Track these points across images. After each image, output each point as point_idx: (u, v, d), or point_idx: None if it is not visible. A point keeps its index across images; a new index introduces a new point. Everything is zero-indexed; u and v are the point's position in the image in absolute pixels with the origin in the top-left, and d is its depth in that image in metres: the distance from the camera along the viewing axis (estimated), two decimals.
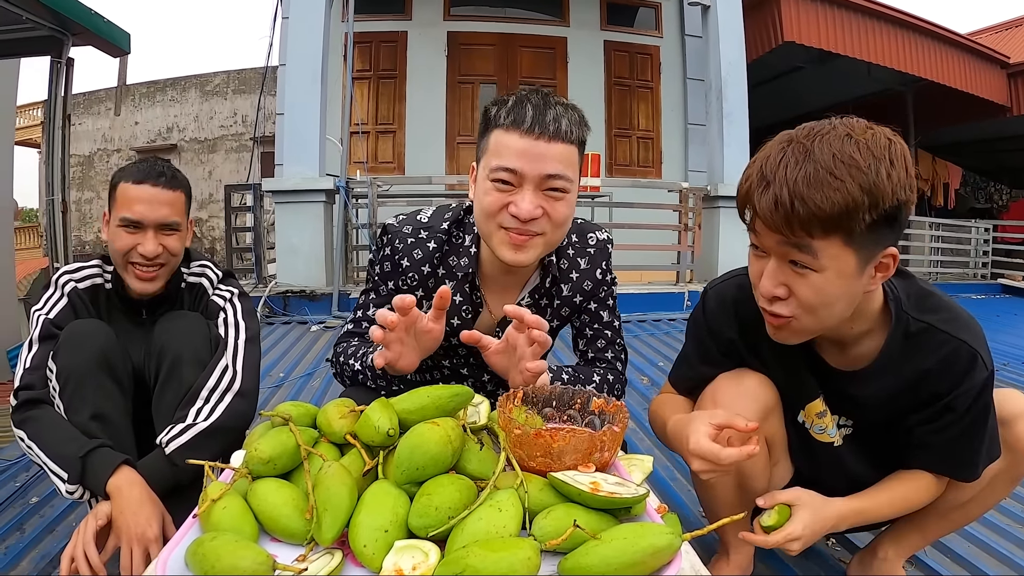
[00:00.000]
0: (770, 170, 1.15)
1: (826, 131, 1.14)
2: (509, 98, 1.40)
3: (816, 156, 1.11)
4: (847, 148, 1.11)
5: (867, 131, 1.14)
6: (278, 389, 3.52)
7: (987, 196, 16.57)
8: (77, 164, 18.10)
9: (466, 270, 1.57)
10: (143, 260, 1.71)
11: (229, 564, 0.86)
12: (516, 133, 1.35)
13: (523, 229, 1.39)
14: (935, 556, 1.92)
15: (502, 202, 1.39)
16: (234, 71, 18.68)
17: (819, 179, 1.09)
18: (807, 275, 1.18)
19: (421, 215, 1.63)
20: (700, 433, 1.25)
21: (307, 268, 6.13)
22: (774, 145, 1.18)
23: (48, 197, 5.72)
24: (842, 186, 1.08)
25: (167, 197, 1.73)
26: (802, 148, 1.13)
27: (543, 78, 8.72)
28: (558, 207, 1.40)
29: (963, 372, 1.30)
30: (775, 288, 1.22)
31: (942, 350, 1.31)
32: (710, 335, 1.55)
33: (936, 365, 1.31)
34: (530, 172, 1.36)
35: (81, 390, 1.56)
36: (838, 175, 1.09)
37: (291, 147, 6.32)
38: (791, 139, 1.16)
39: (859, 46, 9.17)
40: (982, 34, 13.27)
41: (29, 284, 11.12)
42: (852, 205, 1.09)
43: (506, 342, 1.36)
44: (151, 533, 1.40)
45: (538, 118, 1.35)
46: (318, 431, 1.21)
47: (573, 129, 1.38)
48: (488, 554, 0.85)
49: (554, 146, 1.36)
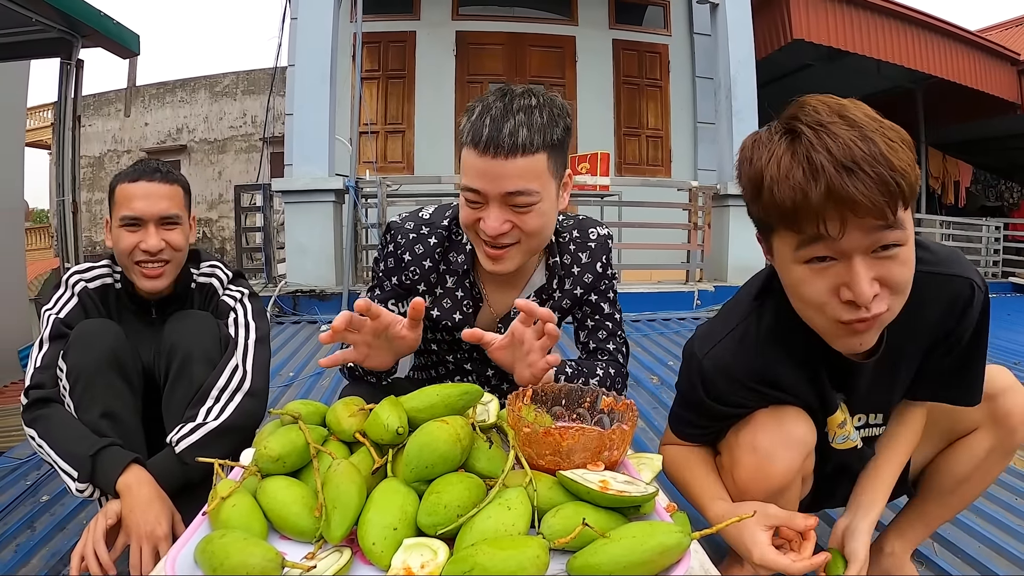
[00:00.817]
0: (842, 154, 1.01)
1: (838, 106, 1.06)
2: (476, 107, 1.38)
3: (864, 124, 1.03)
4: (867, 111, 1.06)
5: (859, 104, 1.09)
6: (288, 388, 3.52)
7: (998, 194, 16.45)
8: (87, 165, 18.20)
9: (463, 266, 1.60)
10: (147, 257, 1.72)
11: (238, 562, 0.86)
12: (475, 152, 1.34)
13: (495, 242, 1.41)
14: (945, 556, 1.91)
15: (474, 218, 1.41)
16: (243, 72, 18.75)
17: (892, 146, 1.01)
18: (896, 254, 1.08)
19: (423, 212, 1.65)
20: (762, 545, 1.23)
21: (317, 268, 6.14)
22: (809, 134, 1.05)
23: (59, 198, 5.75)
24: (902, 148, 1.02)
25: (164, 191, 1.74)
26: (845, 123, 1.03)
27: (552, 77, 8.72)
28: (527, 219, 1.39)
29: (965, 305, 1.29)
30: (873, 287, 1.08)
31: (942, 292, 1.28)
32: (717, 402, 1.39)
33: (940, 308, 1.29)
34: (491, 191, 1.36)
35: (91, 389, 1.57)
36: (894, 138, 1.03)
37: (300, 147, 6.33)
38: (820, 123, 1.04)
39: (868, 43, 9.13)
40: (992, 31, 13.18)
41: (40, 284, 11.16)
42: (914, 164, 1.03)
43: (511, 337, 1.36)
44: (160, 531, 1.41)
45: (494, 136, 1.32)
46: (327, 429, 1.21)
47: (535, 138, 1.33)
48: (497, 552, 0.85)
49: (511, 163, 1.33)
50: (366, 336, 1.32)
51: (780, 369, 1.32)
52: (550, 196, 1.42)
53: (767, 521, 1.26)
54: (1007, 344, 5.09)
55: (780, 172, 1.06)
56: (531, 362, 1.34)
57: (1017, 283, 9.59)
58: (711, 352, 1.36)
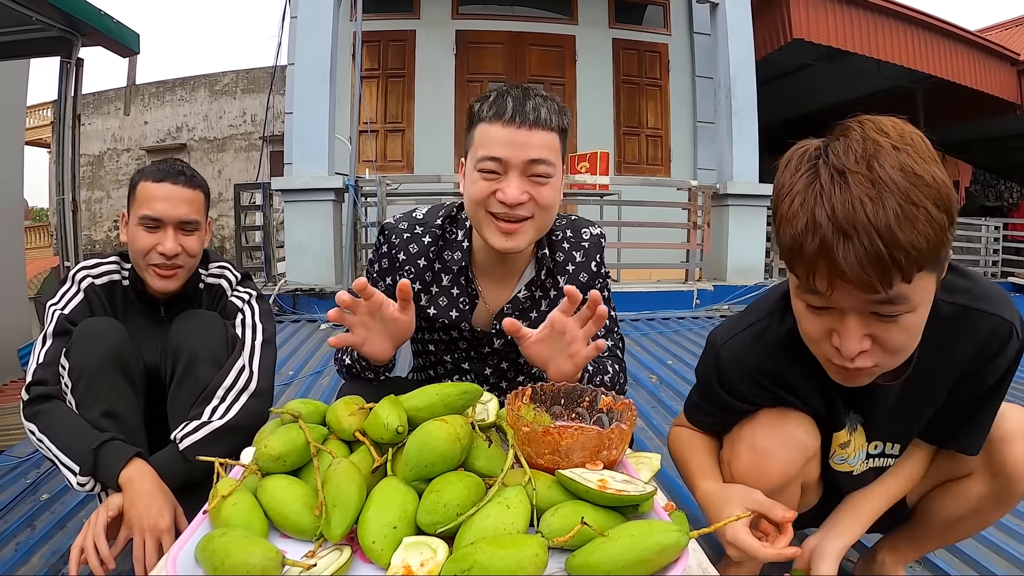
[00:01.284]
0: (845, 217, 0.95)
1: (873, 150, 0.98)
2: (491, 94, 1.47)
3: (888, 184, 0.95)
4: (905, 161, 0.96)
5: (903, 134, 1.00)
6: (288, 387, 3.54)
7: (997, 194, 16.46)
8: (87, 164, 18.17)
9: (459, 263, 1.61)
10: (162, 260, 1.71)
11: (239, 560, 0.87)
12: (499, 124, 1.42)
13: (511, 215, 1.44)
14: (944, 556, 1.91)
15: (489, 190, 1.44)
16: (243, 70, 18.72)
17: (906, 214, 0.93)
18: (899, 321, 1.04)
19: (416, 212, 1.67)
20: (737, 524, 1.20)
21: (316, 266, 6.15)
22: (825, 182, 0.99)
23: (58, 196, 5.75)
24: (927, 214, 0.94)
25: (187, 195, 1.74)
26: (866, 180, 0.96)
27: (552, 76, 8.73)
28: (543, 191, 1.45)
29: (999, 348, 1.23)
30: (862, 344, 1.07)
31: (980, 330, 1.22)
32: (730, 394, 1.39)
33: (972, 346, 1.23)
34: (514, 159, 1.41)
35: (93, 388, 1.57)
36: (919, 201, 0.94)
37: (300, 146, 6.33)
38: (843, 170, 0.98)
39: (868, 43, 9.13)
40: (992, 31, 13.18)
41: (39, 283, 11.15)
42: (939, 230, 0.95)
43: (550, 328, 1.36)
44: (163, 524, 1.41)
45: (518, 108, 1.41)
46: (327, 428, 1.21)
47: (552, 117, 1.44)
48: (496, 551, 0.86)
49: (535, 133, 1.41)
50: (363, 316, 1.36)
51: (792, 372, 1.31)
52: (559, 176, 1.49)
53: (749, 504, 1.25)
54: None
55: (789, 213, 1.03)
56: (573, 352, 1.35)
57: (1016, 283, 9.59)
58: (729, 342, 1.38)
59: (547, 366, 1.40)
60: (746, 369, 1.35)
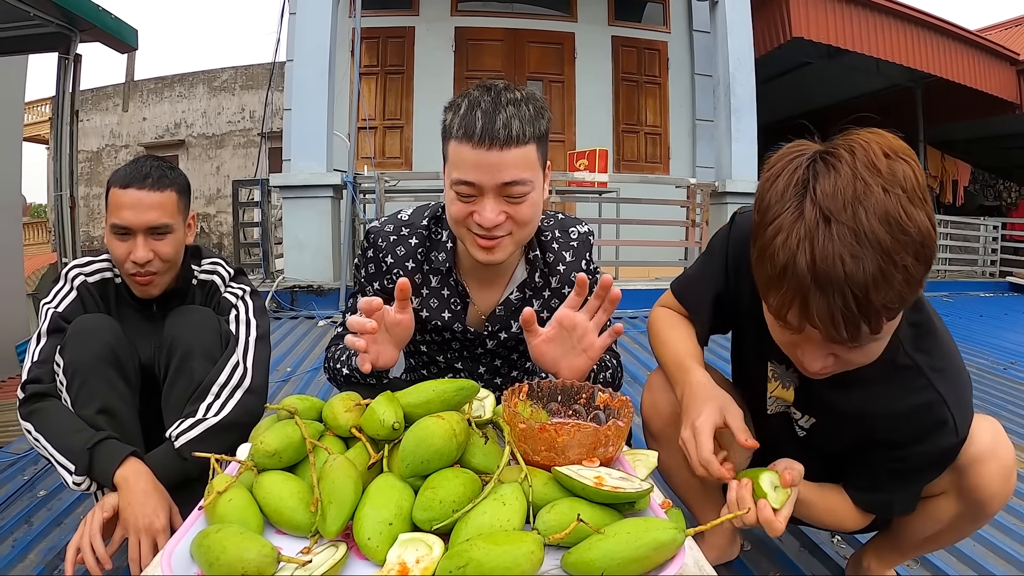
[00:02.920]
0: (822, 271, 0.96)
1: (861, 193, 0.97)
2: (461, 102, 1.39)
3: (870, 240, 0.95)
4: (891, 210, 0.95)
5: (894, 170, 0.98)
6: (285, 383, 3.53)
7: (996, 194, 16.48)
8: (85, 160, 18.15)
9: (446, 264, 1.60)
10: (136, 267, 1.69)
11: (234, 556, 0.86)
12: (468, 145, 1.34)
13: (489, 234, 1.41)
14: (941, 555, 1.92)
15: (466, 211, 1.40)
16: (242, 67, 18.71)
17: (883, 274, 0.95)
18: (863, 349, 1.08)
19: (401, 214, 1.65)
20: (707, 436, 1.20)
21: (314, 263, 6.14)
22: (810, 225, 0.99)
23: (56, 193, 5.75)
24: (904, 271, 0.95)
25: (154, 200, 1.68)
26: (849, 233, 0.95)
27: (551, 73, 8.73)
28: (521, 209, 1.40)
29: (928, 431, 1.24)
30: (824, 363, 1.12)
31: (917, 397, 1.24)
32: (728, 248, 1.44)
33: (906, 411, 1.24)
34: (487, 183, 1.36)
35: (88, 385, 1.57)
36: (898, 259, 0.95)
37: (299, 142, 6.32)
38: (827, 217, 0.97)
39: (868, 42, 9.13)
40: (991, 30, 13.18)
41: (37, 279, 11.16)
42: (916, 284, 0.98)
43: (559, 326, 1.36)
44: (158, 523, 1.41)
45: (488, 127, 1.33)
46: (324, 424, 1.21)
47: (526, 129, 1.35)
48: (492, 548, 0.85)
49: (507, 153, 1.34)
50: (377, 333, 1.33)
51: None
52: (539, 186, 1.44)
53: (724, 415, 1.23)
54: (1003, 344, 5.10)
55: (770, 248, 1.03)
56: (587, 345, 1.35)
57: (1014, 282, 9.59)
58: (747, 213, 1.38)
59: (558, 366, 1.39)
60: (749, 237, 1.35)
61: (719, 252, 1.47)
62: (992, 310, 7.16)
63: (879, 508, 1.36)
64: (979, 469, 1.28)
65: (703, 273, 1.53)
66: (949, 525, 1.38)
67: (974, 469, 1.28)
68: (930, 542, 1.48)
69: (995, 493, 1.29)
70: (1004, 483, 1.29)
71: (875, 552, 1.63)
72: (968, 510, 1.34)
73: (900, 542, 1.53)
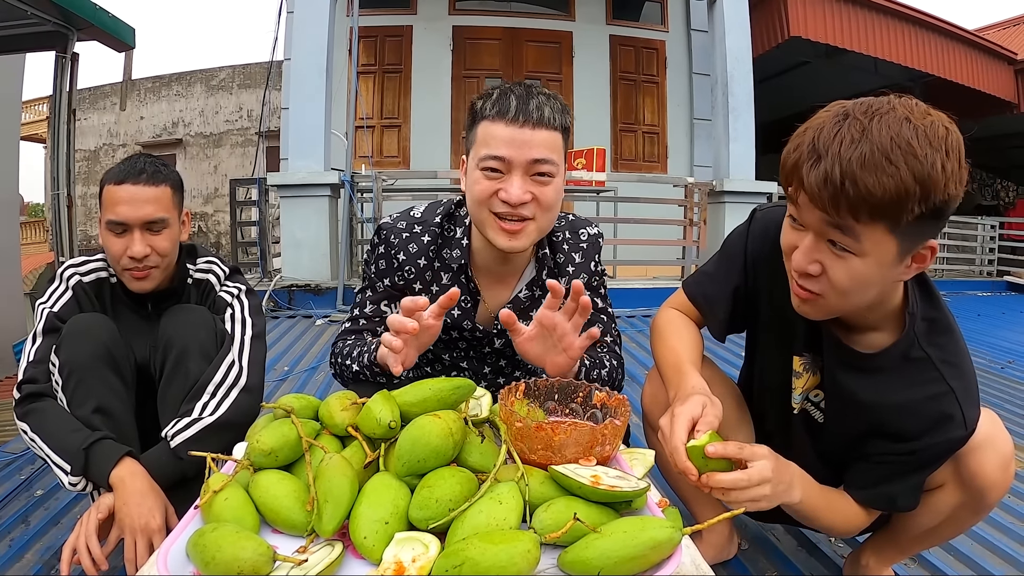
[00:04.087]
0: (823, 144, 1.08)
1: (885, 110, 1.07)
2: (494, 91, 1.46)
3: (873, 136, 1.04)
4: (905, 132, 1.04)
5: (926, 116, 1.07)
6: (283, 383, 3.53)
7: (994, 193, 16.50)
8: (82, 159, 18.13)
9: (459, 261, 1.61)
10: (133, 263, 1.69)
11: (230, 555, 0.86)
12: (502, 123, 1.41)
13: (514, 214, 1.43)
14: (939, 555, 1.92)
15: (492, 189, 1.43)
16: (239, 66, 18.70)
17: (874, 162, 1.03)
18: (845, 257, 1.13)
19: (414, 211, 1.66)
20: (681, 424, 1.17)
21: (312, 262, 6.13)
22: (829, 117, 1.11)
23: (53, 192, 5.74)
24: (896, 173, 1.02)
25: (149, 194, 1.69)
26: (859, 125, 1.06)
27: (549, 72, 8.73)
28: (546, 191, 1.44)
29: (937, 423, 1.25)
30: (809, 265, 1.17)
31: (928, 389, 1.26)
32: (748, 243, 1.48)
33: (916, 401, 1.26)
34: (517, 158, 1.41)
35: (83, 384, 1.56)
36: (893, 160, 1.03)
37: (296, 141, 6.31)
38: (848, 113, 1.09)
39: (866, 41, 9.13)
40: (989, 30, 13.19)
41: (35, 278, 11.16)
42: (904, 194, 1.03)
43: (540, 326, 1.37)
44: (154, 524, 1.40)
45: (522, 107, 1.41)
46: (320, 423, 1.21)
47: (555, 116, 1.44)
48: (488, 547, 0.85)
49: (539, 132, 1.41)
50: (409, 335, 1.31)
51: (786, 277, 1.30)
52: (562, 175, 1.49)
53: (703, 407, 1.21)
54: (1001, 343, 5.11)
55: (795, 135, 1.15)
56: (567, 345, 1.36)
57: (1012, 282, 9.60)
58: (767, 210, 1.49)
59: (542, 362, 1.41)
60: (769, 236, 1.39)
61: (738, 248, 1.50)
62: (990, 309, 7.16)
63: (883, 502, 1.36)
64: (978, 457, 1.30)
65: (719, 269, 1.54)
66: (949, 517, 1.40)
67: (973, 457, 1.30)
68: (929, 536, 1.49)
69: (994, 481, 1.32)
70: (1003, 472, 1.32)
71: (874, 550, 1.63)
72: (968, 500, 1.35)
73: (899, 538, 1.53)
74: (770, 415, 1.56)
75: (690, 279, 1.62)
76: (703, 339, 1.55)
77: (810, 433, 1.48)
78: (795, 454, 1.33)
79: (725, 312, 1.52)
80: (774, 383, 1.52)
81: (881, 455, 1.32)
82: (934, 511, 1.40)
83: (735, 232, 1.54)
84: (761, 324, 1.54)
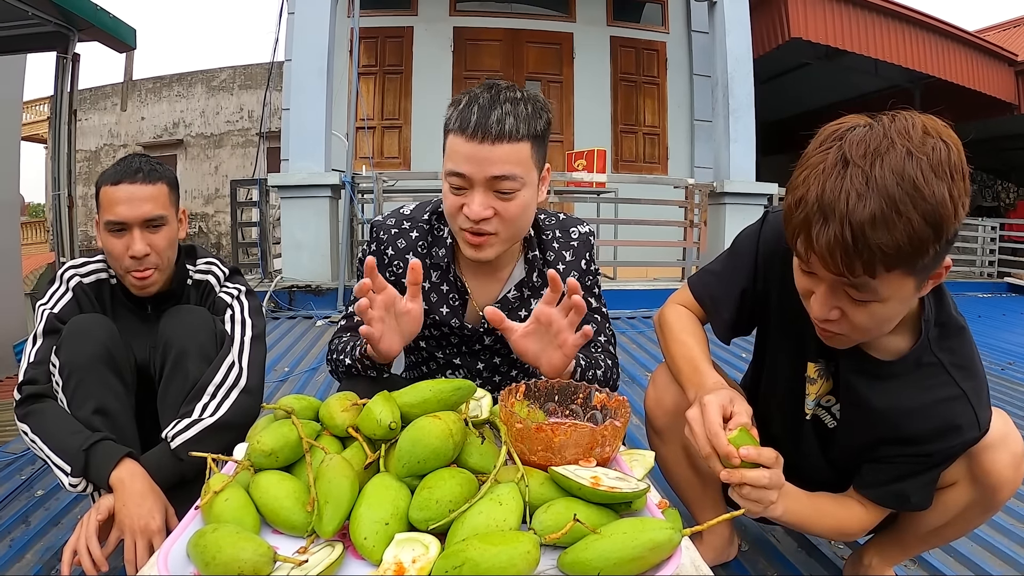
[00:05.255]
0: (828, 202, 1.03)
1: (884, 148, 1.02)
2: (462, 99, 1.42)
3: (878, 186, 1.00)
4: (909, 170, 1.00)
5: (925, 141, 1.03)
6: (283, 383, 3.53)
7: (994, 194, 16.49)
8: (83, 159, 18.14)
9: (445, 259, 1.61)
10: (134, 263, 1.69)
11: (230, 556, 0.86)
12: (462, 137, 1.38)
13: (477, 229, 1.43)
14: (939, 556, 1.92)
15: (458, 204, 1.43)
16: (240, 66, 18.71)
17: (884, 217, 0.99)
18: (866, 304, 1.11)
19: (404, 208, 1.68)
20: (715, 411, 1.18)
21: (312, 263, 6.13)
22: (828, 164, 1.06)
23: (54, 192, 5.74)
24: (908, 223, 0.99)
25: (146, 192, 1.70)
26: (862, 175, 1.01)
27: (549, 74, 8.74)
28: (509, 207, 1.42)
29: (950, 426, 1.26)
30: (828, 313, 1.15)
31: (940, 392, 1.27)
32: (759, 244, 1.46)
33: (929, 405, 1.27)
34: (476, 175, 1.39)
35: (83, 385, 1.56)
36: (903, 211, 0.99)
37: (297, 142, 6.31)
38: (847, 159, 1.04)
39: (866, 43, 9.14)
40: (990, 31, 13.19)
41: (35, 279, 11.17)
42: (919, 242, 1.01)
43: (536, 322, 1.36)
44: (154, 525, 1.40)
45: (481, 122, 1.36)
46: (320, 424, 1.21)
47: (520, 127, 1.38)
48: (488, 547, 0.86)
49: (498, 148, 1.37)
50: (379, 311, 1.34)
51: None
52: (532, 185, 1.46)
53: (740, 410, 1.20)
54: (1001, 344, 5.10)
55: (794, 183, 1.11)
56: (562, 342, 1.35)
57: (1013, 283, 9.59)
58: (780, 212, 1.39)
59: (539, 360, 1.40)
60: (781, 240, 1.34)
61: (748, 248, 1.48)
62: (990, 311, 7.16)
63: (896, 501, 1.37)
64: (991, 455, 1.31)
65: (727, 269, 1.53)
66: (959, 515, 1.40)
67: (986, 455, 1.31)
68: (936, 535, 1.49)
69: (1007, 479, 1.33)
70: (1015, 471, 1.33)
71: (877, 549, 1.63)
72: (979, 498, 1.36)
73: (904, 536, 1.53)
74: (777, 419, 1.55)
75: (696, 277, 1.61)
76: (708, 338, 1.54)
77: (820, 438, 1.47)
78: (802, 458, 1.34)
79: (731, 314, 1.51)
80: (783, 388, 1.51)
81: (894, 456, 1.33)
82: (944, 510, 1.40)
83: (745, 233, 1.52)
84: (771, 328, 1.52)
